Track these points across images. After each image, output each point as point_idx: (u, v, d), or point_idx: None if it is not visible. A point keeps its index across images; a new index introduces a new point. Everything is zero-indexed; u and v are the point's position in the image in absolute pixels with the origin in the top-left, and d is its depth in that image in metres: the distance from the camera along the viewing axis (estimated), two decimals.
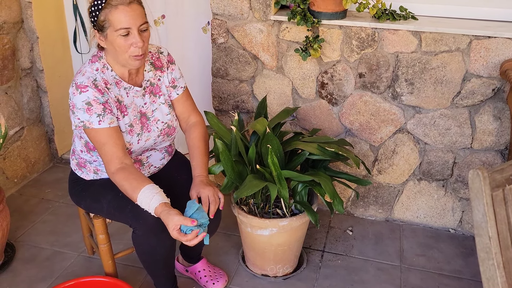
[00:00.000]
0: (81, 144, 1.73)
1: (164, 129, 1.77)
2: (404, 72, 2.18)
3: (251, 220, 1.95)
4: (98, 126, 1.57)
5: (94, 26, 1.58)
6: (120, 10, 1.52)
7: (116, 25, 1.53)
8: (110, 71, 1.63)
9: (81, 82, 1.57)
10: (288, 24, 2.22)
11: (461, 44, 2.07)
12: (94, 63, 1.63)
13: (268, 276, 2.09)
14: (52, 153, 2.97)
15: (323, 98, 2.34)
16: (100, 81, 1.60)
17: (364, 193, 2.49)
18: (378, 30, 2.14)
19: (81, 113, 1.57)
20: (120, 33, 1.53)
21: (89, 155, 1.74)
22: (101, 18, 1.53)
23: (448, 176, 2.33)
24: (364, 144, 2.38)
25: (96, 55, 1.65)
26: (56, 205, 2.58)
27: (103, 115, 1.58)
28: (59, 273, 2.10)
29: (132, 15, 1.54)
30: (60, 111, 2.91)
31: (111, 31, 1.54)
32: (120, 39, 1.54)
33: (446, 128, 2.24)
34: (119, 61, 1.61)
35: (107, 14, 1.53)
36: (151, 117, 1.74)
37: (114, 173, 1.58)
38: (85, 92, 1.56)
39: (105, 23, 1.54)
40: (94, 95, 1.56)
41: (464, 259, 2.23)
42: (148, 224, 1.61)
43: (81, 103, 1.56)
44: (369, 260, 2.22)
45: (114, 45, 1.56)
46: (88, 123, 1.58)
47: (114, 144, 1.59)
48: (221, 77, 2.42)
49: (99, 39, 1.59)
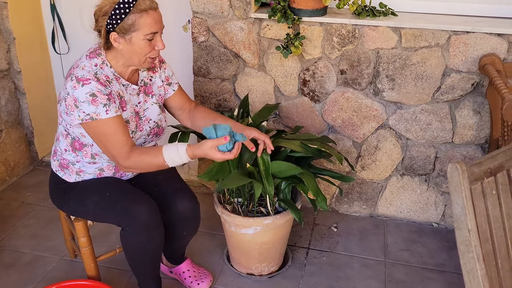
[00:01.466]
0: (66, 143, 1.70)
1: (154, 129, 1.78)
2: (385, 68, 2.19)
3: (235, 219, 1.94)
4: (106, 116, 1.55)
5: (111, 29, 1.54)
6: (150, 14, 1.54)
7: (146, 30, 1.54)
8: (109, 68, 1.62)
9: (83, 75, 1.54)
10: (269, 22, 2.21)
11: (440, 39, 2.09)
12: (92, 59, 1.60)
13: (254, 275, 2.09)
14: (32, 155, 2.92)
15: (305, 95, 2.33)
16: (101, 75, 1.58)
17: (348, 190, 2.49)
18: (358, 26, 2.14)
19: (86, 105, 1.53)
20: (148, 37, 1.55)
21: (73, 155, 1.71)
22: (129, 22, 1.53)
23: (430, 171, 2.35)
24: (347, 141, 2.39)
25: (94, 51, 1.62)
26: (37, 209, 2.54)
27: (109, 104, 1.56)
28: (41, 277, 2.07)
29: (159, 19, 1.58)
30: (40, 113, 2.86)
31: (137, 35, 1.54)
32: (145, 42, 1.56)
33: (427, 123, 2.25)
34: (131, 61, 1.61)
35: (137, 19, 1.53)
36: (143, 117, 1.74)
37: (128, 157, 1.57)
38: (87, 84, 1.53)
39: (132, 27, 1.53)
40: (97, 87, 1.54)
41: (447, 253, 2.25)
42: (140, 221, 1.62)
43: (84, 96, 1.53)
44: (354, 256, 2.23)
45: (135, 47, 1.57)
46: (95, 115, 1.54)
47: (123, 132, 1.59)
48: (203, 76, 2.41)
49: (114, 40, 1.56)
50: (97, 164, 1.72)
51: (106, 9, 1.53)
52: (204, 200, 2.05)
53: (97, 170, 1.74)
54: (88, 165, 1.72)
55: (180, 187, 1.81)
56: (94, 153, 1.68)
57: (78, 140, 1.67)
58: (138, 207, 1.63)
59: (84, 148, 1.68)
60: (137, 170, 1.66)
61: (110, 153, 1.60)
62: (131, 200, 1.66)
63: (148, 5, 1.54)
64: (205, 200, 2.38)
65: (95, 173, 1.75)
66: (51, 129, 2.98)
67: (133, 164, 1.59)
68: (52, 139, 2.98)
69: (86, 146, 1.67)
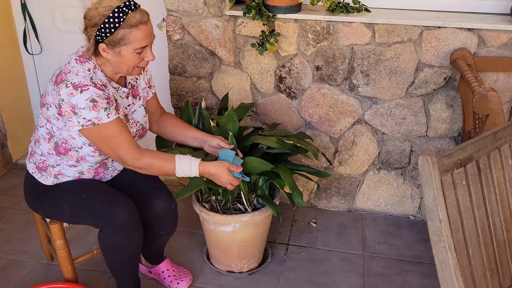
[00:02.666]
0: (49, 147, 1.66)
1: (139, 131, 1.78)
2: (359, 64, 2.21)
3: (213, 217, 1.94)
4: (108, 120, 1.54)
5: (100, 40, 1.52)
6: (140, 29, 1.52)
7: (136, 45, 1.53)
8: (100, 72, 1.60)
9: (79, 82, 1.52)
10: (244, 19, 2.21)
11: (413, 35, 2.12)
12: (84, 64, 1.57)
13: (233, 272, 2.09)
14: (6, 158, 2.85)
15: (282, 92, 2.34)
16: (96, 79, 1.57)
17: (326, 185, 2.52)
18: (332, 23, 2.16)
19: (87, 112, 1.51)
20: (137, 51, 1.54)
21: (56, 158, 1.68)
22: (118, 36, 1.51)
23: (406, 164, 2.39)
24: (324, 136, 2.40)
25: (83, 55, 1.59)
26: (11, 213, 2.49)
27: (109, 107, 1.55)
28: (16, 282, 2.03)
29: (149, 33, 1.56)
30: (13, 115, 2.80)
31: (126, 48, 1.53)
32: (134, 55, 1.55)
33: (402, 117, 2.29)
34: (120, 70, 1.60)
35: (126, 34, 1.51)
36: (131, 119, 1.73)
37: (139, 158, 1.59)
38: (86, 90, 1.51)
39: (122, 41, 1.52)
40: (96, 92, 1.52)
41: (423, 244, 2.29)
42: (118, 222, 1.61)
43: (84, 102, 1.50)
44: (333, 250, 2.25)
45: (124, 59, 1.56)
46: (97, 120, 1.52)
47: (127, 132, 1.59)
48: (179, 75, 2.39)
49: (103, 51, 1.54)
50: (78, 167, 1.70)
51: (96, 21, 1.51)
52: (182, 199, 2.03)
53: (76, 173, 1.72)
54: (69, 168, 1.69)
55: (157, 186, 1.80)
56: (80, 157, 1.66)
57: (63, 143, 1.63)
58: (117, 208, 1.62)
59: (69, 152, 1.65)
60: (145, 172, 1.64)
61: (116, 154, 1.59)
62: (109, 201, 1.64)
63: (138, 19, 1.51)
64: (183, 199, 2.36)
65: (75, 176, 1.72)
66: (24, 131, 2.92)
67: (143, 165, 1.60)
68: (27, 141, 2.92)
69: (72, 150, 1.64)
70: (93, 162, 1.69)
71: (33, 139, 1.74)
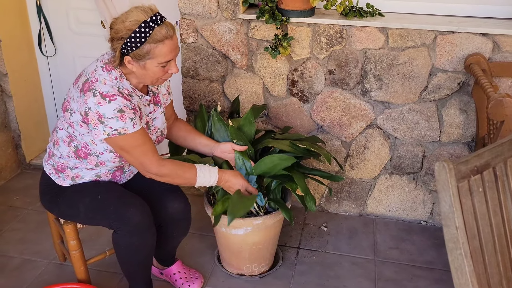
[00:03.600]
0: (68, 150, 1.68)
1: (158, 137, 1.80)
2: (372, 68, 2.21)
3: (225, 220, 1.94)
4: (134, 130, 1.56)
5: (126, 53, 1.54)
6: (166, 44, 1.54)
7: (161, 59, 1.55)
8: (126, 81, 1.62)
9: (107, 91, 1.53)
10: (257, 23, 2.22)
11: (427, 39, 2.12)
12: (110, 72, 1.58)
13: (244, 275, 2.09)
14: (20, 159, 2.88)
15: (294, 95, 2.34)
16: (123, 89, 1.58)
17: (338, 189, 2.51)
18: (346, 27, 2.16)
19: (114, 121, 1.53)
20: (162, 65, 1.56)
21: (75, 161, 1.69)
22: (144, 51, 1.52)
23: (418, 170, 2.38)
24: (336, 140, 2.40)
25: (109, 63, 1.60)
26: (24, 213, 2.51)
27: (135, 118, 1.57)
28: (29, 282, 2.05)
29: (175, 47, 1.57)
30: (27, 116, 2.83)
31: (152, 62, 1.55)
32: (159, 68, 1.57)
33: (415, 122, 2.28)
34: (144, 81, 1.62)
35: (152, 48, 1.52)
36: (152, 126, 1.75)
37: (163, 165, 1.63)
38: (114, 100, 1.53)
39: (147, 55, 1.54)
40: (124, 102, 1.54)
41: (436, 250, 2.27)
42: (132, 223, 1.62)
43: (112, 112, 1.52)
44: (344, 255, 2.25)
45: (149, 72, 1.58)
46: (123, 130, 1.54)
47: (150, 140, 1.62)
48: (191, 77, 2.41)
49: (129, 63, 1.56)
50: (95, 170, 1.72)
51: (122, 35, 1.52)
52: (194, 201, 2.05)
53: (94, 176, 1.73)
54: (87, 171, 1.71)
55: (171, 188, 1.81)
56: (99, 162, 1.68)
57: (84, 148, 1.65)
58: (131, 210, 1.63)
59: (89, 156, 1.67)
60: (166, 179, 1.66)
61: (140, 162, 1.61)
62: (123, 203, 1.66)
63: (164, 34, 1.53)
64: (195, 201, 2.38)
65: (92, 179, 1.74)
66: (38, 132, 2.95)
67: (167, 171, 1.63)
68: (40, 142, 2.97)
69: (92, 155, 1.66)
70: (111, 167, 1.71)
71: (51, 140, 1.76)
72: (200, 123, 2.03)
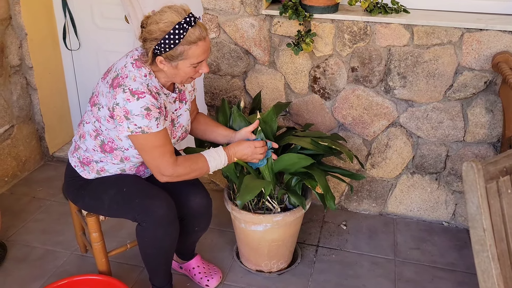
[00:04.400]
0: (94, 144, 1.70)
1: (183, 134, 1.81)
2: (396, 65, 2.18)
3: (245, 215, 1.94)
4: (157, 129, 1.57)
5: (159, 53, 1.54)
6: (200, 45, 1.55)
7: (194, 60, 1.56)
8: (154, 78, 1.62)
9: (137, 88, 1.54)
10: (280, 19, 2.21)
11: (453, 37, 2.07)
12: (140, 68, 1.59)
13: (263, 271, 2.09)
14: (43, 151, 2.93)
15: (315, 92, 2.33)
16: (151, 86, 1.59)
17: (358, 188, 2.49)
18: (370, 23, 2.13)
19: (139, 119, 1.54)
20: (194, 65, 1.57)
21: (100, 155, 1.71)
22: (177, 52, 1.53)
23: (441, 169, 2.34)
24: (357, 139, 2.38)
25: (139, 59, 1.61)
26: (47, 204, 2.55)
27: (159, 117, 1.58)
28: (51, 272, 2.08)
29: (207, 48, 1.58)
30: (51, 108, 2.88)
31: (184, 63, 1.56)
32: (190, 69, 1.58)
33: (439, 121, 2.24)
34: (173, 80, 1.63)
35: (186, 50, 1.53)
36: (177, 123, 1.76)
37: (178, 164, 1.64)
38: (143, 98, 1.53)
39: (180, 56, 1.54)
40: (151, 101, 1.55)
41: (458, 252, 2.24)
42: (157, 216, 1.64)
43: (139, 110, 1.53)
44: (364, 254, 2.23)
45: (180, 72, 1.59)
46: (146, 129, 1.55)
47: (170, 142, 1.64)
48: (213, 73, 2.41)
49: (161, 63, 1.57)
50: (120, 165, 1.73)
51: (156, 36, 1.52)
52: (213, 196, 2.04)
53: (118, 170, 1.75)
54: (112, 165, 1.73)
55: (194, 183, 1.81)
56: (124, 157, 1.69)
57: (110, 142, 1.67)
58: (156, 203, 1.65)
59: (114, 151, 1.68)
60: (183, 177, 1.67)
61: (156, 164, 1.62)
62: (149, 196, 1.67)
63: (197, 36, 1.53)
64: (214, 196, 2.37)
65: (116, 173, 1.76)
66: (61, 124, 3.00)
67: (182, 170, 1.64)
68: (63, 135, 3.02)
69: (117, 150, 1.68)
70: (135, 162, 1.73)
71: (77, 134, 1.78)
72: (222, 117, 2.03)
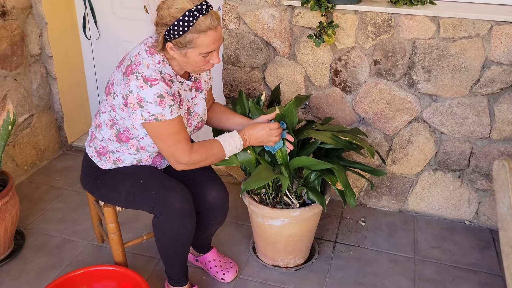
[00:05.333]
0: (110, 133, 1.69)
1: (199, 123, 1.78)
2: (421, 59, 2.11)
3: (262, 210, 1.91)
4: (171, 117, 1.55)
5: (168, 39, 1.53)
6: (209, 35, 1.51)
7: (203, 50, 1.53)
8: (168, 65, 1.61)
9: (150, 75, 1.52)
10: (302, 9, 2.16)
11: (481, 30, 2.00)
12: (154, 56, 1.57)
13: (279, 267, 2.06)
14: (62, 140, 2.95)
15: (336, 86, 2.28)
16: (165, 74, 1.57)
17: (378, 184, 2.43)
18: (394, 15, 2.07)
19: (153, 106, 1.52)
20: (203, 55, 1.54)
21: (116, 145, 1.70)
22: (186, 40, 1.51)
23: (464, 167, 2.27)
24: (378, 133, 2.32)
25: (152, 46, 1.59)
26: (65, 193, 2.57)
27: (173, 105, 1.56)
28: (68, 261, 2.09)
29: (218, 38, 1.54)
30: (70, 98, 2.89)
31: (193, 51, 1.53)
32: (200, 58, 1.55)
33: (464, 117, 2.17)
34: (185, 68, 1.61)
35: (194, 38, 1.50)
36: (192, 112, 1.74)
37: (193, 151, 1.62)
38: (156, 85, 1.52)
39: (189, 44, 1.52)
40: (165, 88, 1.53)
41: (480, 252, 2.17)
42: (174, 208, 1.62)
43: (152, 97, 1.51)
44: (382, 251, 2.18)
45: (190, 61, 1.56)
46: (160, 116, 1.53)
47: (185, 130, 1.61)
48: (232, 64, 2.37)
49: (170, 49, 1.55)
50: (137, 155, 1.72)
51: (166, 21, 1.50)
52: (230, 189, 2.02)
53: (135, 161, 1.74)
54: (128, 155, 1.72)
55: (211, 176, 1.79)
56: (140, 146, 1.68)
57: (125, 132, 1.66)
58: (173, 195, 1.63)
59: (130, 140, 1.67)
60: (200, 164, 1.65)
61: (171, 152, 1.59)
62: (166, 188, 1.65)
63: (207, 25, 1.50)
64: (231, 189, 2.35)
65: (133, 163, 1.75)
66: (80, 114, 3.00)
67: (197, 156, 1.62)
68: (81, 125, 3.02)
69: (133, 139, 1.66)
70: (152, 152, 1.71)
71: (94, 124, 1.77)
72: (240, 110, 2.00)
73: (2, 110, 1.92)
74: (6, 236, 2.03)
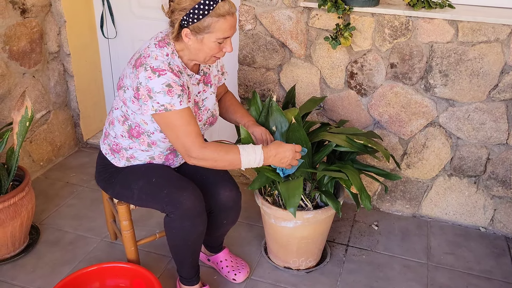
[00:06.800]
0: (122, 129, 1.71)
1: (209, 118, 1.78)
2: (438, 63, 2.09)
3: (275, 211, 1.91)
4: (180, 107, 1.55)
5: (185, 25, 1.54)
6: (227, 20, 1.53)
7: (220, 35, 1.54)
8: (177, 58, 1.62)
9: (158, 66, 1.54)
10: (318, 11, 2.15)
11: (501, 34, 1.97)
12: (162, 48, 1.59)
13: (291, 268, 2.06)
14: (78, 137, 2.98)
15: (351, 88, 2.26)
16: (173, 65, 1.59)
17: (392, 188, 2.42)
18: (412, 18, 2.05)
19: (161, 96, 1.52)
20: (219, 41, 1.56)
21: (128, 141, 1.71)
22: (205, 24, 1.52)
23: (480, 173, 2.24)
24: (393, 137, 2.30)
25: (163, 40, 1.61)
26: (80, 190, 2.59)
27: (182, 95, 1.56)
28: (82, 257, 2.11)
29: (234, 24, 1.56)
30: (86, 96, 2.92)
31: (210, 37, 1.54)
32: (215, 44, 1.56)
33: (481, 122, 2.14)
34: (197, 57, 1.61)
35: (213, 22, 1.52)
36: (202, 107, 1.74)
37: (206, 147, 1.58)
38: (164, 75, 1.53)
39: (207, 29, 1.53)
40: (173, 78, 1.54)
41: (495, 259, 2.14)
42: (185, 208, 1.63)
43: (160, 86, 1.52)
44: (395, 256, 2.16)
45: (204, 47, 1.57)
46: (169, 106, 1.53)
47: (195, 122, 1.59)
48: (248, 65, 2.38)
49: (186, 36, 1.56)
50: (149, 152, 1.73)
51: (185, 6, 1.51)
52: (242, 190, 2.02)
53: (148, 158, 1.75)
54: (141, 152, 1.73)
55: (224, 175, 1.80)
56: (151, 142, 1.69)
57: (137, 127, 1.67)
58: (184, 194, 1.64)
59: (141, 136, 1.68)
60: (210, 163, 1.61)
61: (182, 143, 1.58)
62: (177, 187, 1.66)
63: (227, 9, 1.52)
64: (243, 190, 2.36)
65: (146, 161, 1.76)
66: (96, 112, 3.04)
67: (209, 154, 1.58)
68: (97, 122, 3.06)
69: (144, 135, 1.68)
70: (163, 148, 1.72)
71: (107, 121, 1.79)
72: (254, 112, 2.00)
73: (20, 106, 1.94)
74: (21, 230, 2.07)
